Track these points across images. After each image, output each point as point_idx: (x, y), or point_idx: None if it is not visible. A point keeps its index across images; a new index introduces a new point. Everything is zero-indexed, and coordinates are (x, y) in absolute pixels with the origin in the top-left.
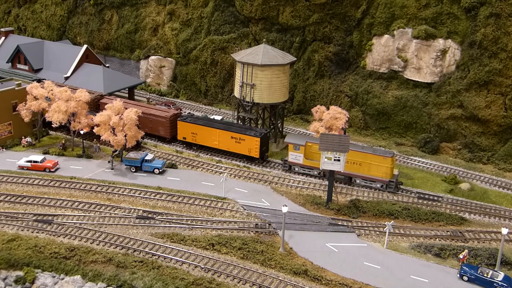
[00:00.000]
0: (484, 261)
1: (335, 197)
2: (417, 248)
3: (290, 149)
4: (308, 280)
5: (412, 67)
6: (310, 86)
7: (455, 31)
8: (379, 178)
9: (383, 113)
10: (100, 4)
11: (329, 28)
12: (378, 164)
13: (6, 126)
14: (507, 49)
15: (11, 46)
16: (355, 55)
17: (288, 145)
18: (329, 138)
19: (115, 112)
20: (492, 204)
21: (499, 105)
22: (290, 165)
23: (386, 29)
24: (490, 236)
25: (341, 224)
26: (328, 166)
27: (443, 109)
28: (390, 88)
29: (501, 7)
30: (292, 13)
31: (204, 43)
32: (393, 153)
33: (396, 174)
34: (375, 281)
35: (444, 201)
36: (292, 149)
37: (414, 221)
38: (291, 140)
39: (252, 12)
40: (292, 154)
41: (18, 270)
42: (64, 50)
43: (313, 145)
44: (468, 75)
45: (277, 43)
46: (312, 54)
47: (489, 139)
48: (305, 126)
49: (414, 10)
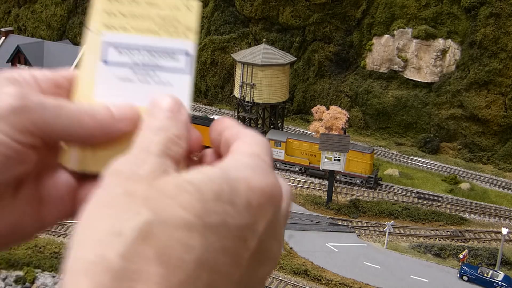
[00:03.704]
0: (484, 261)
1: (335, 197)
2: (417, 248)
3: (272, 146)
4: (308, 280)
5: (412, 67)
6: (310, 86)
7: (455, 31)
8: (358, 174)
9: (383, 113)
10: None
11: (329, 28)
12: (357, 160)
13: None
14: (507, 49)
15: (11, 46)
16: (355, 55)
17: (270, 141)
18: (329, 138)
19: None
20: (492, 204)
21: (499, 105)
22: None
23: (386, 29)
24: (490, 236)
25: (341, 224)
26: (328, 166)
27: (443, 109)
28: (390, 88)
29: (501, 7)
30: (292, 13)
31: (204, 43)
32: (372, 149)
33: (376, 170)
34: (375, 281)
35: (444, 201)
36: (273, 146)
37: (414, 221)
38: (272, 136)
39: (252, 12)
40: (274, 150)
41: (18, 270)
42: (64, 50)
43: (294, 142)
44: (468, 75)
45: (277, 43)
46: (312, 54)
47: (489, 139)
48: (305, 126)
49: (414, 10)
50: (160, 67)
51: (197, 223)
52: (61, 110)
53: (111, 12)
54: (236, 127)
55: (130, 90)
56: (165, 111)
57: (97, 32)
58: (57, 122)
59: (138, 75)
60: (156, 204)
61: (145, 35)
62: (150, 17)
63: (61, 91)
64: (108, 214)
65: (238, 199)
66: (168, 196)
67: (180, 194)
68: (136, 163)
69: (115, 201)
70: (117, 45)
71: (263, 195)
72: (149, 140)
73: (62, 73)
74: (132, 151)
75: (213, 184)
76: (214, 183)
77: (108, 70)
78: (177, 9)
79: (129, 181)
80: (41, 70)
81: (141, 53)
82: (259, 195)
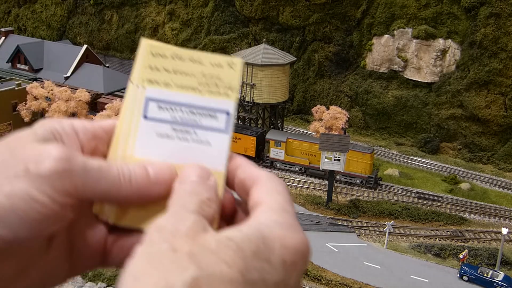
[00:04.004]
0: (484, 261)
1: (335, 197)
2: (417, 248)
3: (272, 146)
4: (308, 280)
5: (412, 67)
6: (310, 86)
7: (455, 31)
8: (358, 174)
9: (383, 113)
10: (100, 4)
11: (329, 28)
12: (357, 160)
13: (6, 126)
14: (507, 49)
15: (11, 46)
16: (355, 55)
17: (270, 142)
18: (329, 138)
19: (115, 112)
20: (492, 204)
21: (499, 105)
22: (272, 161)
23: (386, 29)
24: (490, 236)
25: (341, 224)
26: (328, 166)
27: (443, 109)
28: (390, 88)
29: (501, 7)
30: (292, 13)
31: (204, 43)
32: (372, 149)
33: (376, 170)
34: (375, 281)
35: (444, 201)
36: (273, 145)
37: (414, 221)
38: (272, 136)
39: (252, 12)
40: (274, 150)
41: None
42: (64, 50)
43: (294, 142)
44: (468, 75)
45: (277, 43)
46: (312, 54)
47: (489, 139)
48: (305, 126)
49: (414, 10)
50: (200, 125)
51: (240, 279)
52: (102, 174)
53: (155, 67)
54: (248, 166)
55: (169, 147)
56: (196, 178)
57: (140, 86)
58: (97, 186)
59: (177, 132)
60: (201, 259)
61: (187, 92)
62: (193, 74)
63: (99, 143)
64: (157, 269)
65: (274, 257)
66: (212, 252)
67: (223, 250)
68: (177, 220)
69: (162, 257)
70: (159, 101)
71: (296, 253)
72: (185, 200)
73: (101, 125)
74: (171, 209)
75: (251, 242)
76: (252, 242)
77: (148, 125)
78: (220, 66)
79: (173, 237)
80: (81, 121)
81: (182, 110)
82: (293, 254)
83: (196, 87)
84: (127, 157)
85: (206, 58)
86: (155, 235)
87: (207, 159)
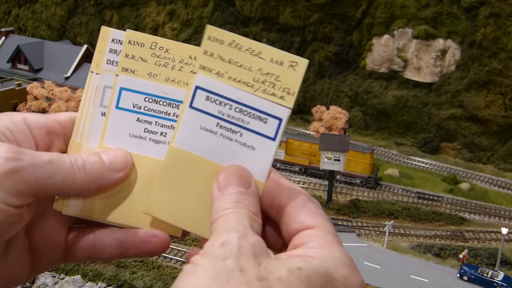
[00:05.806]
0: (484, 261)
1: (335, 197)
2: (417, 248)
3: None
4: None
5: (412, 67)
6: (310, 86)
7: (455, 31)
8: (358, 174)
9: (383, 113)
10: (100, 4)
11: (329, 28)
12: (357, 160)
13: None
14: (507, 49)
15: (11, 46)
16: (355, 55)
17: None
18: (329, 138)
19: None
20: (492, 204)
21: (499, 105)
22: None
23: (386, 29)
24: (490, 236)
25: (341, 224)
26: (328, 166)
27: (443, 109)
28: (390, 88)
29: (501, 7)
30: (292, 13)
31: None
32: (372, 149)
33: (376, 170)
34: (375, 281)
35: (444, 201)
36: None
37: (414, 221)
38: None
39: (252, 12)
40: None
41: None
42: (64, 50)
43: (294, 142)
44: (468, 75)
45: (277, 43)
46: (312, 54)
47: (489, 139)
48: (305, 126)
49: (414, 10)
50: (247, 127)
51: None
52: (54, 167)
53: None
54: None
55: (210, 143)
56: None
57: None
58: (51, 180)
59: (222, 129)
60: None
61: (239, 88)
62: (249, 68)
63: (54, 138)
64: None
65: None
66: (282, 281)
67: (293, 281)
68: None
69: (230, 276)
70: (207, 92)
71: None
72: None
73: (56, 118)
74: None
75: (320, 277)
76: (321, 277)
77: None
78: (280, 64)
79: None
80: (34, 116)
81: (231, 107)
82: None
83: (250, 83)
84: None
85: (268, 52)
86: (218, 249)
87: (249, 165)
